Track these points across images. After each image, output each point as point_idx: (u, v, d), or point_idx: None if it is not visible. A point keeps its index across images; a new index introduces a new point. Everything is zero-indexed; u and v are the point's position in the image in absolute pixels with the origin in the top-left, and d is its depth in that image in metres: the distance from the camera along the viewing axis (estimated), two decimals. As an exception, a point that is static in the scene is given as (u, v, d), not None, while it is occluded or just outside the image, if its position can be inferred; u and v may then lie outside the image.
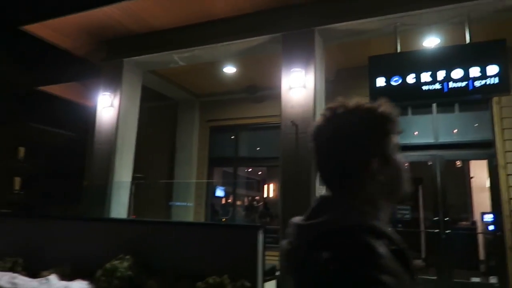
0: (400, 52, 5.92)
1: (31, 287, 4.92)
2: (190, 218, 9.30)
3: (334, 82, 7.78)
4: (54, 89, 10.66)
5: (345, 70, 7.95)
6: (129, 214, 7.19)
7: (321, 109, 6.37)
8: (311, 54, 6.23)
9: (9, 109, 32.87)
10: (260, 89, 9.27)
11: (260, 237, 4.90)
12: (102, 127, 7.30)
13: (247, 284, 4.58)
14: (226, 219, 10.94)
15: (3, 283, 4.96)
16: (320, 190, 5.99)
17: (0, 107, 32.60)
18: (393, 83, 5.72)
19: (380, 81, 5.81)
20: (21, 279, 5.12)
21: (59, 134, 36.81)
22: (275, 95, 8.53)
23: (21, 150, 37.56)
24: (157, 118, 10.03)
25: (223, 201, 11.94)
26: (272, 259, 5.72)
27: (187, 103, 10.09)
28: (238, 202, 11.46)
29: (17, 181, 37.38)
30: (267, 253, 5.17)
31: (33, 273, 5.44)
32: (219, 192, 11.45)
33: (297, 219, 1.06)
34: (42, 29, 7.50)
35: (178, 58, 7.47)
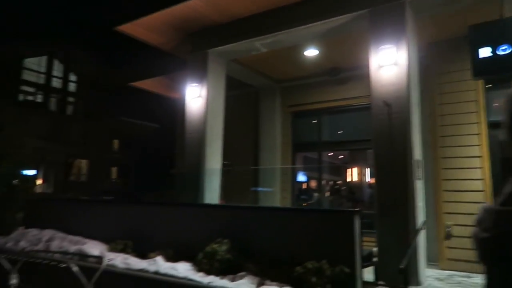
0: (508, 18, 5.28)
1: (141, 267, 5.37)
2: (276, 203, 9.42)
3: (427, 57, 7.23)
4: (143, 84, 11.37)
5: (439, 43, 7.34)
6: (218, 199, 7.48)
7: (415, 87, 5.97)
8: (401, 29, 5.84)
9: (104, 105, 35.97)
10: (343, 70, 8.96)
11: (356, 222, 4.77)
12: (192, 117, 7.63)
13: (346, 269, 4.49)
14: (308, 203, 10.89)
15: (117, 263, 5.47)
16: (418, 173, 5.65)
17: (96, 104, 35.83)
18: (500, 52, 5.13)
19: (484, 52, 5.25)
20: (132, 260, 5.60)
21: (147, 127, 39.47)
22: (359, 76, 8.21)
23: (116, 143, 41.01)
24: (240, 106, 10.23)
25: (305, 186, 11.91)
26: (368, 244, 5.56)
27: (268, 90, 10.13)
28: (322, 187, 11.33)
29: (114, 171, 40.97)
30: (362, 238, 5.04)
31: (142, 255, 5.93)
32: (301, 177, 11.44)
33: (490, 205, 0.96)
34: (133, 28, 7.99)
35: (260, 44, 7.49)
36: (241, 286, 4.51)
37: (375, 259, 5.46)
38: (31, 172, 8.34)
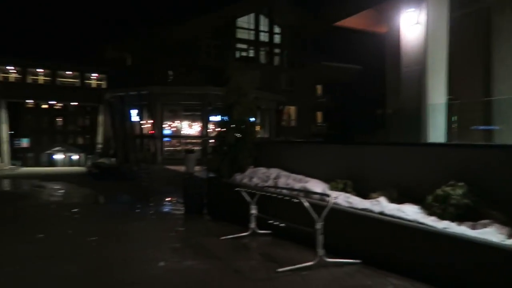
0: None
1: (364, 206, 5.31)
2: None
3: None
4: (348, 22, 10.87)
5: None
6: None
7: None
8: None
9: (307, 53, 37.12)
10: None
11: None
12: (409, 48, 6.84)
13: None
14: None
15: (340, 201, 5.58)
16: None
17: (299, 52, 37.30)
18: None
19: None
20: (354, 199, 5.60)
21: (350, 69, 39.00)
22: None
23: (319, 88, 42.32)
24: (464, 30, 8.62)
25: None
26: None
27: (505, 4, 8.13)
28: None
29: (319, 115, 42.77)
30: None
31: (362, 195, 5.89)
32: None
33: None
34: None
35: None
36: (487, 235, 3.89)
37: None
38: (253, 119, 9.27)
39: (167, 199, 12.30)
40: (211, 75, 30.40)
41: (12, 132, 43.63)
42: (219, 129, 9.72)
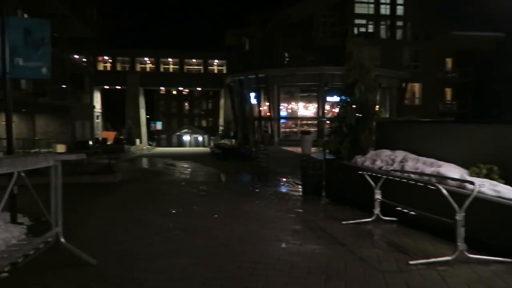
0: None
1: (517, 197, 4.50)
2: None
3: None
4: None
5: None
6: None
7: None
8: None
9: (435, 23, 33.31)
10: None
11: None
12: None
13: None
14: None
15: (485, 189, 4.81)
16: None
17: (425, 23, 33.61)
18: None
19: None
20: (503, 188, 4.78)
21: (488, 38, 33.96)
22: None
23: (448, 62, 37.95)
24: None
25: None
26: None
27: None
28: None
29: (448, 92, 38.49)
30: None
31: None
32: None
33: None
34: None
35: None
36: None
37: None
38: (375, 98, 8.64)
39: (284, 179, 12.44)
40: (327, 54, 29.62)
41: (148, 116, 49.28)
42: (338, 109, 9.36)
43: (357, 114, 8.30)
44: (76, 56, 29.47)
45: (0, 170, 3.44)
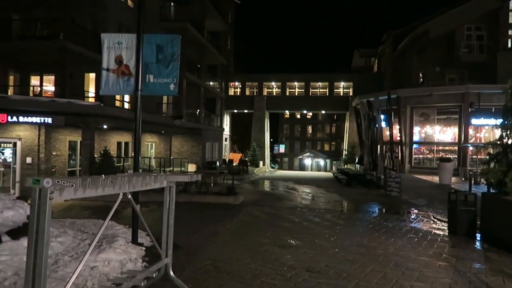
0: None
1: None
2: None
3: None
4: None
5: None
6: None
7: None
8: None
9: None
10: None
11: None
12: None
13: None
14: None
15: None
16: None
17: None
18: None
19: None
20: None
21: None
22: None
23: None
24: None
25: None
26: None
27: None
28: None
29: None
30: None
31: None
32: None
33: None
34: None
35: None
36: None
37: None
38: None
39: (421, 213, 10.65)
40: (471, 71, 26.02)
41: (271, 139, 50.29)
42: (500, 133, 7.54)
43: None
44: (211, 83, 31.76)
45: (111, 190, 3.11)
